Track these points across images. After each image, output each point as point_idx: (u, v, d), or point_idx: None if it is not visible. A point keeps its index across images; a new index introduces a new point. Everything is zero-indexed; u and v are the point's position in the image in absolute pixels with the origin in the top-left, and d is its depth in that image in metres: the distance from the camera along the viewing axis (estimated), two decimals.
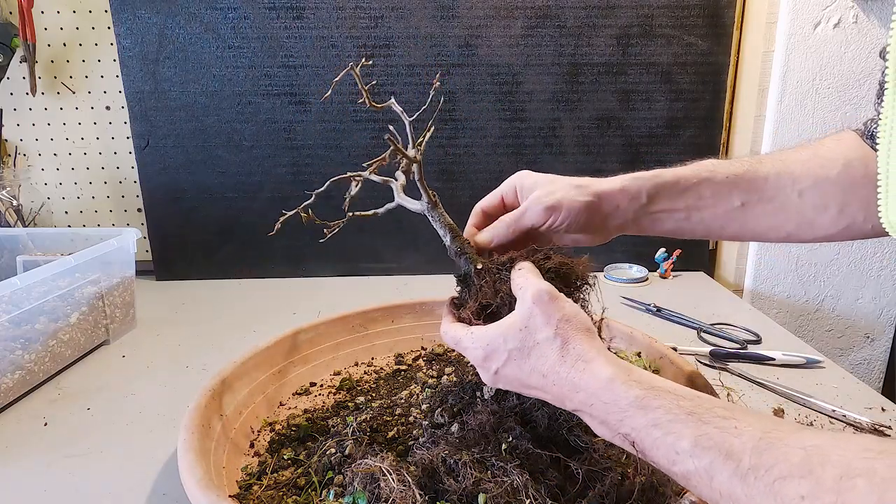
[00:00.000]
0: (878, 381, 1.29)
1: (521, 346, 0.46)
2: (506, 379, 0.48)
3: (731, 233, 0.61)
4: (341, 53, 1.16)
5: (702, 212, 0.60)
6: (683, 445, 0.37)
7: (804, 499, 0.31)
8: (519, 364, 0.46)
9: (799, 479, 0.32)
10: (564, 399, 0.45)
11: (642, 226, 0.60)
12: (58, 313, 0.85)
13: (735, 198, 0.59)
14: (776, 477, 0.33)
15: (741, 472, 0.34)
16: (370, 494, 0.48)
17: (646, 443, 0.40)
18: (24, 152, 1.23)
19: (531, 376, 0.46)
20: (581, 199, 0.57)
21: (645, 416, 0.40)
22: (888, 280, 1.23)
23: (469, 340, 0.49)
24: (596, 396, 0.42)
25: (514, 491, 0.47)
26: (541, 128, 1.22)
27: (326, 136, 1.21)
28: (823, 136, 0.62)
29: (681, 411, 0.39)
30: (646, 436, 0.40)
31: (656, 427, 0.39)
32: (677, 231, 0.61)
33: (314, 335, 0.81)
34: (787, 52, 1.12)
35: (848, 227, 0.57)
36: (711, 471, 0.36)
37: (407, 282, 1.23)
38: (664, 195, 0.59)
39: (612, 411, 0.42)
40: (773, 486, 0.33)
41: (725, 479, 0.35)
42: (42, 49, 1.17)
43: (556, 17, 1.16)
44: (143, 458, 0.66)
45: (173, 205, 1.22)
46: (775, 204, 0.59)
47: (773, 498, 0.32)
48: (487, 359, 0.48)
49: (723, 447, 0.36)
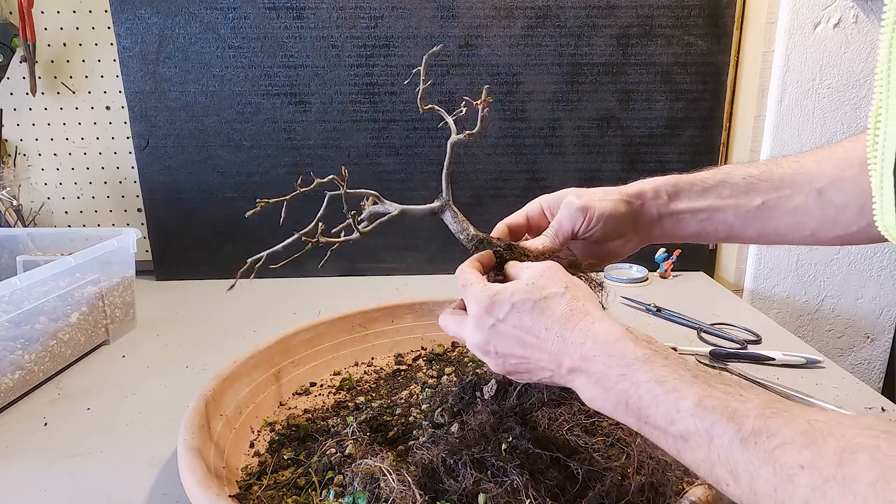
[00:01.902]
0: (878, 381, 1.29)
1: (527, 299, 0.46)
2: (502, 335, 0.47)
3: (754, 233, 0.61)
4: (341, 53, 1.16)
5: (724, 212, 0.60)
6: (686, 404, 0.37)
7: (803, 468, 0.31)
8: (520, 317, 0.46)
9: (800, 448, 0.31)
10: (563, 355, 0.44)
11: (666, 228, 0.61)
12: (58, 313, 0.85)
13: (754, 197, 0.59)
14: (777, 444, 0.32)
15: (742, 436, 0.34)
16: (370, 494, 0.48)
17: (645, 400, 0.39)
18: (24, 152, 1.23)
19: (531, 330, 0.45)
20: (609, 200, 0.59)
21: (649, 373, 0.39)
22: (888, 280, 1.23)
23: (478, 288, 0.49)
24: (602, 349, 0.42)
25: (514, 491, 0.47)
26: (541, 128, 1.22)
27: (326, 136, 1.21)
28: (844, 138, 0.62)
29: (687, 373, 0.39)
30: (647, 392, 0.39)
31: (660, 384, 0.39)
32: (701, 233, 0.62)
33: (314, 335, 0.81)
34: (787, 52, 1.12)
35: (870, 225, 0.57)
36: (712, 432, 0.35)
37: (407, 282, 1.24)
38: (683, 195, 0.60)
39: (614, 365, 0.41)
40: (772, 453, 0.32)
41: (726, 442, 0.34)
42: (42, 49, 1.17)
43: (556, 17, 1.16)
44: (143, 458, 0.66)
45: (173, 205, 1.22)
46: (795, 202, 0.59)
47: (771, 464, 0.32)
48: (490, 308, 0.47)
49: (726, 409, 0.35)
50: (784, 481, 0.31)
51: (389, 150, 1.22)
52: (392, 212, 0.57)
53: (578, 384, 0.44)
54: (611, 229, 0.59)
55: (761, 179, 0.60)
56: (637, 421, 0.40)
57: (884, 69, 0.41)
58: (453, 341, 0.89)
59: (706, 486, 0.48)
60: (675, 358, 0.40)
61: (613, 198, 0.59)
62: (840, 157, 0.59)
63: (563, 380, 0.45)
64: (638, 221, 0.60)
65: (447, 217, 0.58)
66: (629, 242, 0.61)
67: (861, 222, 0.57)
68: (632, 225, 0.60)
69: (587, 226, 0.58)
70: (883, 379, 1.29)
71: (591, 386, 0.43)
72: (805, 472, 0.31)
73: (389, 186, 1.22)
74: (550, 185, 1.27)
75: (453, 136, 0.58)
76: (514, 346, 0.47)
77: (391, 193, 0.63)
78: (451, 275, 0.58)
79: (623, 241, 0.61)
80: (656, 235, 0.62)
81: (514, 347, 0.47)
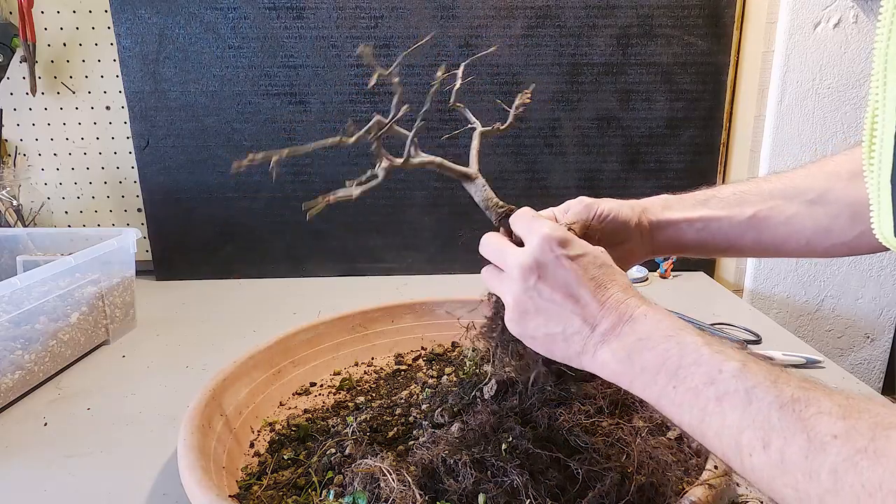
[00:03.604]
0: (878, 381, 1.29)
1: (570, 252, 0.46)
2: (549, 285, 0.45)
3: (751, 243, 0.62)
4: (341, 53, 1.16)
5: (718, 222, 0.61)
6: (730, 366, 0.37)
7: (836, 437, 0.31)
8: (570, 265, 0.45)
9: (836, 419, 0.32)
10: (609, 311, 0.43)
11: (668, 234, 0.62)
12: (58, 313, 0.85)
13: (746, 208, 0.61)
14: (815, 412, 0.33)
15: (782, 401, 0.34)
16: (370, 494, 0.48)
17: (687, 359, 0.39)
18: (24, 152, 1.22)
19: (579, 280, 0.44)
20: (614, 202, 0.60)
21: (699, 337, 0.40)
22: (888, 280, 1.22)
23: (515, 248, 0.48)
24: (657, 312, 0.43)
25: (514, 491, 0.47)
26: (541, 128, 1.22)
27: (326, 136, 1.20)
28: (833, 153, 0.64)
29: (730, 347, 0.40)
30: (692, 351, 0.39)
31: (707, 346, 0.39)
32: (701, 243, 0.63)
33: (314, 335, 0.81)
34: (787, 52, 1.12)
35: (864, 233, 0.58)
36: (752, 394, 0.36)
37: (407, 282, 1.23)
38: (676, 206, 0.62)
39: (665, 326, 0.42)
40: (809, 421, 0.33)
41: (765, 406, 0.35)
42: (42, 49, 1.17)
43: (556, 17, 1.16)
44: (143, 458, 0.66)
45: (173, 205, 1.22)
46: (787, 212, 0.60)
47: (805, 431, 0.33)
48: (535, 263, 0.45)
49: (769, 375, 0.36)
50: (816, 449, 0.32)
51: (389, 150, 1.21)
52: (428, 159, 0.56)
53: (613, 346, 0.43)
54: (616, 229, 0.59)
55: (750, 193, 0.62)
56: (667, 381, 0.40)
57: (880, 77, 0.41)
58: (453, 341, 0.89)
59: (706, 486, 0.48)
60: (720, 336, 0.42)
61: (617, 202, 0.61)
62: (830, 170, 0.60)
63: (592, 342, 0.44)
64: (641, 225, 0.61)
65: (478, 184, 0.58)
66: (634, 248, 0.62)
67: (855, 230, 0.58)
68: (636, 229, 0.61)
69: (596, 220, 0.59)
70: (883, 379, 1.29)
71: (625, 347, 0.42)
72: (838, 441, 0.31)
73: (389, 186, 1.22)
74: (550, 184, 1.27)
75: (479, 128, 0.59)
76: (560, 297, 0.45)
77: (391, 193, 0.63)
78: (451, 275, 0.58)
79: (629, 245, 0.61)
80: (659, 244, 0.63)
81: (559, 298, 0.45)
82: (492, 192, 0.57)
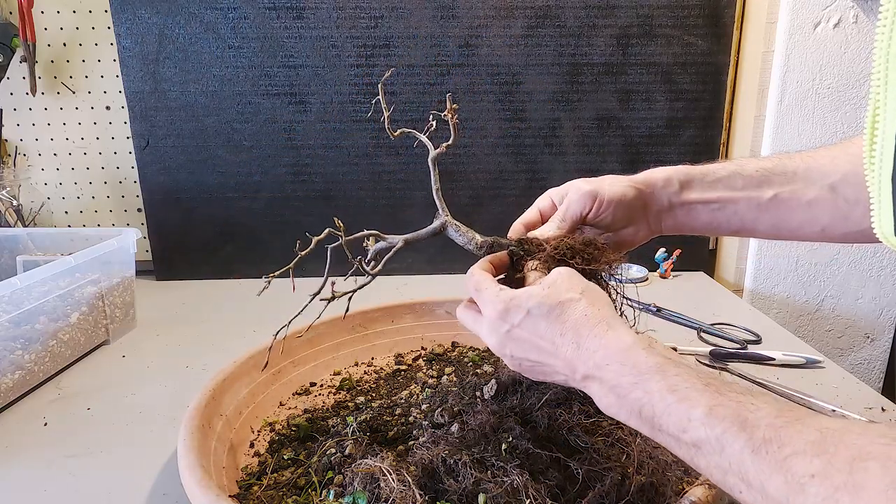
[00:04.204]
0: (878, 381, 1.29)
1: (543, 303, 0.46)
2: (517, 341, 0.47)
3: (766, 227, 0.61)
4: (341, 53, 1.16)
5: (736, 203, 0.60)
6: (697, 413, 0.37)
7: (814, 477, 0.31)
8: (535, 322, 0.46)
9: (812, 457, 0.31)
10: (577, 362, 0.44)
11: (678, 218, 0.60)
12: (58, 313, 0.85)
13: (767, 189, 0.59)
14: (789, 453, 0.32)
15: (754, 445, 0.34)
16: (370, 494, 0.48)
17: (657, 408, 0.39)
18: (24, 152, 1.22)
19: (545, 336, 0.45)
20: (620, 185, 0.58)
21: (662, 381, 0.40)
22: (888, 280, 1.22)
23: (493, 292, 0.49)
24: (614, 357, 0.42)
25: (514, 491, 0.47)
26: (541, 128, 1.22)
27: (326, 136, 1.21)
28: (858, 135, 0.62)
29: (698, 381, 0.39)
30: (659, 400, 0.39)
31: (672, 392, 0.39)
32: (713, 224, 0.61)
33: (314, 335, 0.81)
34: (787, 52, 1.12)
35: None
36: (723, 440, 0.35)
37: (407, 282, 1.23)
38: (695, 184, 0.60)
39: (627, 374, 0.41)
40: (784, 462, 0.32)
41: (737, 451, 0.34)
42: (42, 49, 1.17)
43: (556, 18, 1.16)
44: (143, 458, 0.66)
45: (173, 205, 1.22)
46: (808, 196, 0.58)
47: (783, 473, 0.32)
48: (505, 313, 0.47)
49: (738, 418, 0.35)
50: (795, 490, 0.31)
51: (389, 150, 1.22)
52: (397, 244, 0.58)
53: (594, 391, 0.44)
54: (620, 216, 0.58)
55: (774, 172, 0.59)
56: (651, 429, 0.40)
57: (881, 74, 0.41)
58: (453, 341, 0.89)
59: (706, 485, 0.48)
60: (687, 366, 0.41)
61: (623, 184, 0.59)
62: (854, 152, 0.58)
63: (579, 385, 0.45)
64: (648, 209, 0.60)
65: (450, 233, 0.58)
66: (640, 231, 0.61)
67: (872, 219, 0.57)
68: (642, 212, 0.59)
69: (596, 210, 0.58)
70: (883, 379, 1.29)
71: (606, 393, 0.43)
72: (816, 480, 0.31)
73: (389, 186, 1.22)
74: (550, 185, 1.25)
75: (432, 153, 0.58)
76: (528, 351, 0.47)
77: (391, 193, 0.63)
78: (451, 275, 0.58)
79: (634, 228, 0.60)
80: (668, 226, 0.61)
81: (529, 352, 0.47)
82: (468, 231, 0.57)
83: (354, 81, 1.18)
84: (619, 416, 0.43)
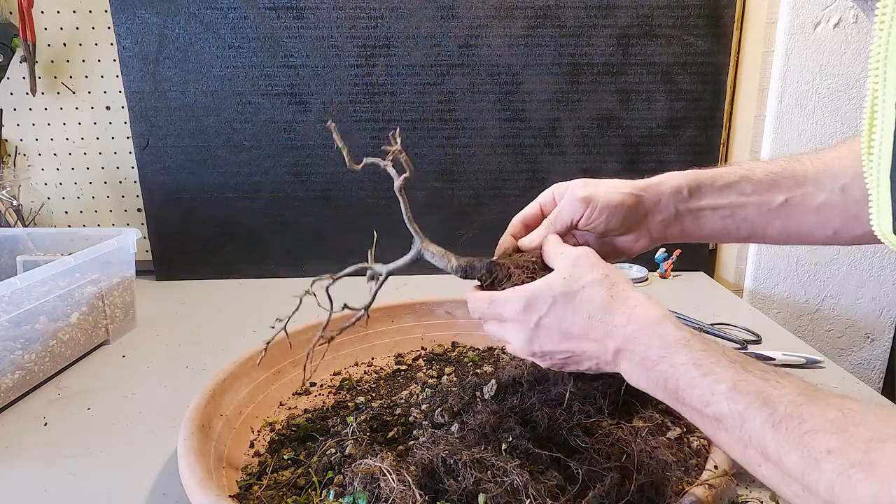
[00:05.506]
0: (878, 381, 1.29)
1: (567, 291, 0.46)
2: (546, 331, 0.47)
3: (776, 232, 0.59)
4: (341, 53, 1.16)
5: (746, 209, 0.58)
6: (721, 388, 0.38)
7: (831, 453, 0.32)
8: (563, 309, 0.46)
9: (830, 435, 0.32)
10: (607, 340, 0.45)
11: (686, 226, 0.59)
12: (58, 313, 0.85)
13: (777, 194, 0.58)
14: (808, 429, 0.33)
15: (774, 420, 0.35)
16: (370, 494, 0.48)
17: (682, 381, 0.40)
18: (24, 152, 1.23)
19: (575, 321, 0.46)
20: (618, 192, 0.56)
21: (688, 355, 0.40)
22: (888, 280, 1.22)
23: (506, 296, 0.49)
24: (644, 331, 0.43)
25: (514, 491, 0.47)
26: (541, 128, 1.22)
27: (326, 136, 1.21)
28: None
29: (724, 358, 0.40)
30: (684, 373, 0.40)
31: (697, 367, 0.40)
32: (722, 231, 0.59)
33: (314, 335, 0.81)
34: (787, 52, 1.12)
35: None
36: (745, 415, 0.36)
37: (407, 282, 1.23)
38: (705, 191, 0.58)
39: (655, 346, 0.42)
40: (802, 438, 0.33)
41: (758, 426, 0.35)
42: (42, 49, 1.17)
43: (556, 17, 1.16)
44: (143, 458, 0.66)
45: (173, 205, 1.22)
46: (819, 200, 0.57)
47: (801, 448, 0.33)
48: (528, 308, 0.47)
49: (761, 394, 0.36)
50: (811, 465, 0.32)
51: None
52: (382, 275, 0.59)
53: (624, 366, 0.45)
54: (616, 223, 0.56)
55: (783, 176, 0.58)
56: (675, 401, 0.41)
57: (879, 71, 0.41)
58: (453, 341, 0.89)
59: (706, 485, 0.48)
60: (714, 342, 0.41)
61: (622, 191, 0.57)
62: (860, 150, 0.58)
63: (611, 365, 0.46)
64: (651, 218, 0.58)
65: (428, 258, 0.58)
66: (639, 240, 0.59)
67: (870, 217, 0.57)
68: (642, 221, 0.58)
69: (588, 217, 0.56)
70: (883, 379, 1.29)
71: (634, 367, 0.44)
72: (832, 457, 0.31)
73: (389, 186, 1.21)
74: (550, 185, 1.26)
75: (396, 183, 0.58)
76: (559, 342, 0.47)
77: (391, 193, 0.63)
78: (450, 275, 0.58)
79: (633, 236, 0.59)
80: (673, 234, 0.59)
81: (560, 342, 0.47)
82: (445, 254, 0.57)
83: (354, 81, 1.18)
84: (647, 390, 0.44)
